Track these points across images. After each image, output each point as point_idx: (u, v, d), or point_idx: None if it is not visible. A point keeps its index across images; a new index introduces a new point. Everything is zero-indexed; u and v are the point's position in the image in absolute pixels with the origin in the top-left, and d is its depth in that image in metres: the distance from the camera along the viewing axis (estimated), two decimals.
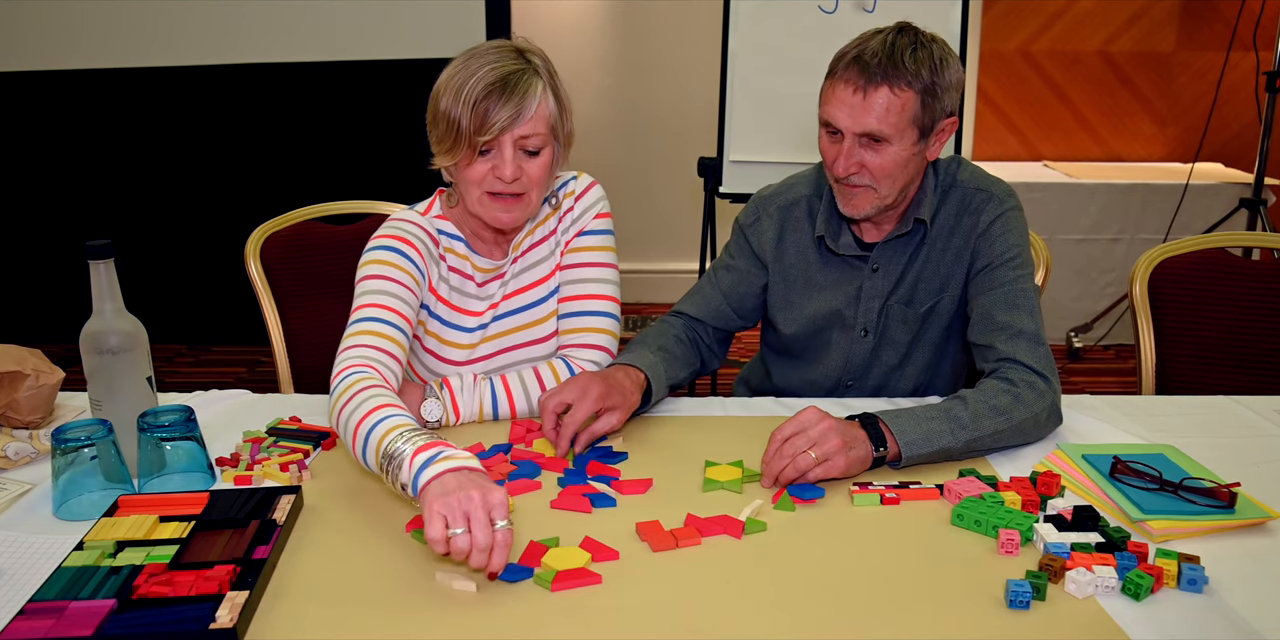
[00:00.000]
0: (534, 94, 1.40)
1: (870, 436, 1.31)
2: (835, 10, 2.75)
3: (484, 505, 1.05)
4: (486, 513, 1.05)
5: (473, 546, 1.03)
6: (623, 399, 1.41)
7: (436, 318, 1.58)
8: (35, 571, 1.09)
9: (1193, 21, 4.20)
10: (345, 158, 3.76)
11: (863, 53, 1.43)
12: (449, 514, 1.04)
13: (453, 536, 1.03)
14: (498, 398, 1.51)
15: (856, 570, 1.09)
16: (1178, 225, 3.71)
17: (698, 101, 4.13)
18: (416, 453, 1.12)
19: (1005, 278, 1.53)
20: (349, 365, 1.35)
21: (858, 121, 1.44)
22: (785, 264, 1.67)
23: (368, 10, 3.61)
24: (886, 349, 1.66)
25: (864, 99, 1.43)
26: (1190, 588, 1.05)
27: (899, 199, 1.53)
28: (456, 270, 1.58)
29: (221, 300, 3.65)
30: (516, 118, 1.39)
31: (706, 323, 1.73)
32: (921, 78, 1.42)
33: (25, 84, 3.74)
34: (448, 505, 1.05)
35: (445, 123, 1.41)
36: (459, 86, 1.39)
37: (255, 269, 1.99)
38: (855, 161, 1.47)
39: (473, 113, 1.38)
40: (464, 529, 1.03)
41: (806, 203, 1.66)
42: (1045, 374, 1.44)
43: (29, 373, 1.45)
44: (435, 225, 1.57)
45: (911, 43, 1.44)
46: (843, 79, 1.45)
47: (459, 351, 1.59)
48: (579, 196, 1.61)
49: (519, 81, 1.39)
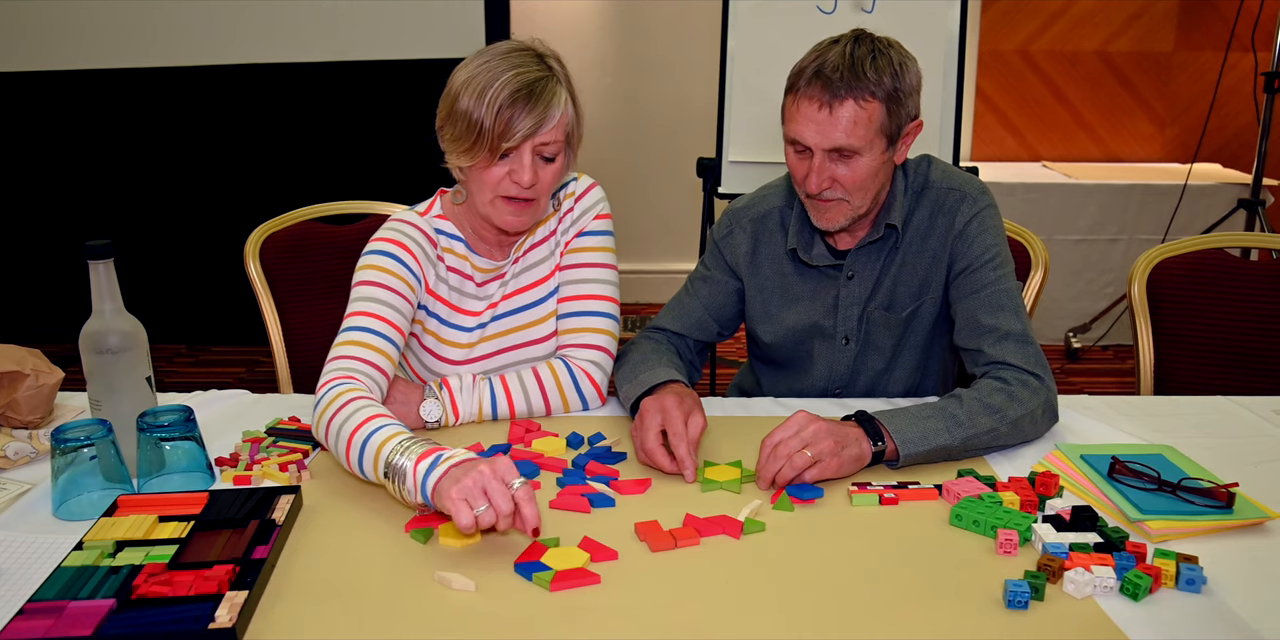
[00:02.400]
0: (558, 103, 1.41)
1: (867, 432, 1.32)
2: (834, 10, 2.75)
3: (494, 475, 1.10)
4: (499, 481, 1.10)
5: (498, 514, 1.08)
6: (693, 399, 1.41)
7: (435, 317, 1.58)
8: (35, 571, 1.09)
9: (1191, 22, 4.20)
10: (345, 158, 3.76)
11: (823, 66, 1.41)
12: (468, 497, 1.09)
13: (479, 515, 1.08)
14: (496, 398, 1.51)
15: (855, 570, 1.10)
16: (1176, 226, 3.71)
17: (697, 101, 4.13)
18: (418, 462, 1.15)
19: (986, 279, 1.52)
20: (334, 377, 1.36)
21: (826, 137, 1.42)
22: (760, 276, 1.67)
23: (367, 10, 3.61)
24: (871, 355, 1.66)
25: (830, 114, 1.41)
26: (1188, 588, 1.05)
27: (871, 207, 1.53)
28: (455, 270, 1.58)
29: (221, 300, 3.65)
30: (540, 126, 1.40)
31: (688, 336, 1.72)
32: (884, 85, 1.41)
33: (25, 84, 3.73)
34: (464, 490, 1.09)
35: (465, 123, 1.40)
36: (482, 88, 1.38)
37: (255, 269, 1.99)
38: (826, 177, 1.46)
39: (497, 118, 1.37)
40: (485, 504, 1.09)
41: (779, 214, 1.65)
42: (1038, 372, 1.44)
43: (29, 373, 1.45)
44: (434, 225, 1.57)
45: (870, 51, 1.41)
46: (806, 95, 1.42)
47: (457, 351, 1.59)
48: (579, 197, 1.61)
49: (544, 90, 1.40)
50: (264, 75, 3.70)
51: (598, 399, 1.56)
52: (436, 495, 1.12)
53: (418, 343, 1.60)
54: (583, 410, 1.56)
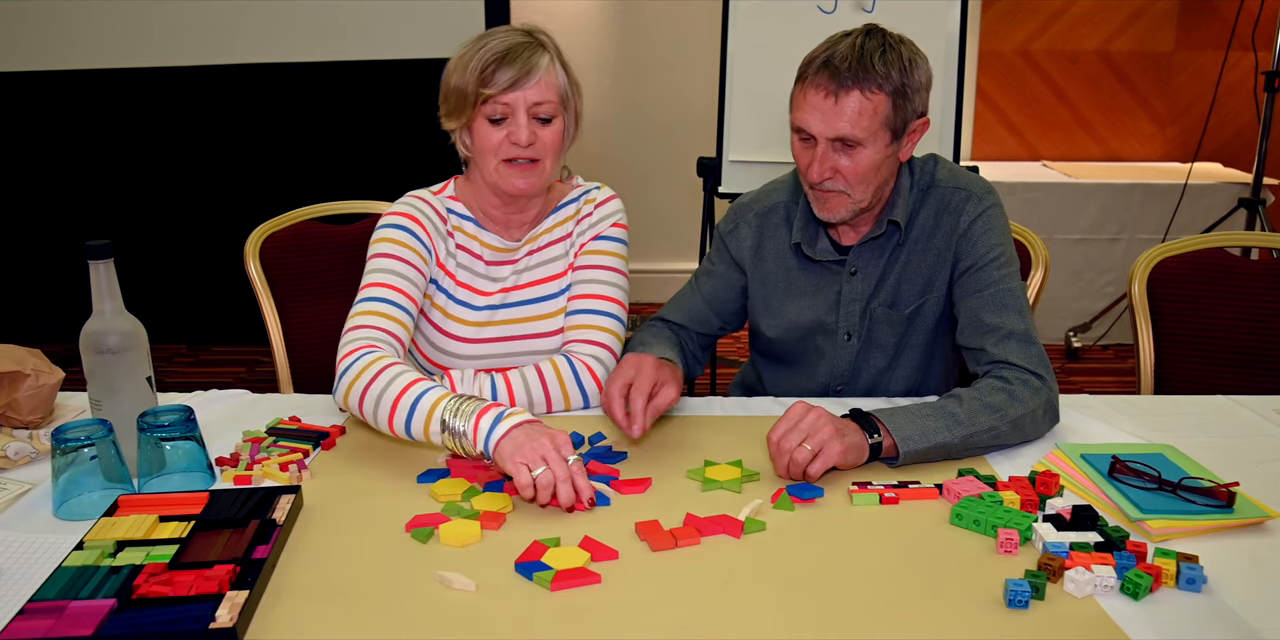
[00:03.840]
0: (540, 64, 1.47)
1: (862, 427, 1.32)
2: (835, 10, 2.75)
3: (554, 446, 1.21)
4: (558, 452, 1.21)
5: (557, 479, 1.18)
6: (671, 373, 1.45)
7: (444, 292, 1.62)
8: (35, 571, 1.09)
9: (1192, 21, 4.20)
10: (345, 158, 3.76)
11: (832, 57, 1.43)
12: (528, 461, 1.20)
13: (537, 476, 1.18)
14: (497, 387, 1.52)
15: (855, 570, 1.10)
16: (1176, 225, 3.71)
17: (697, 101, 4.13)
18: (479, 418, 1.26)
19: (990, 278, 1.52)
20: (360, 346, 1.42)
21: (830, 126, 1.43)
22: (764, 270, 1.68)
23: (367, 10, 3.61)
24: (873, 352, 1.66)
25: (835, 103, 1.42)
26: (1189, 587, 1.05)
27: (873, 201, 1.53)
28: (464, 248, 1.62)
29: (221, 300, 3.65)
30: (522, 80, 1.46)
31: (690, 329, 1.74)
32: (892, 79, 1.42)
33: (25, 84, 3.73)
34: (525, 455, 1.20)
35: (455, 91, 1.48)
36: (467, 62, 1.47)
37: (255, 269, 1.99)
38: (829, 166, 1.47)
39: (481, 74, 1.45)
40: (544, 468, 1.19)
41: (784, 209, 1.66)
42: (1039, 372, 1.44)
43: (29, 372, 1.45)
44: (446, 204, 1.63)
45: (880, 44, 1.43)
46: (813, 84, 1.44)
47: (463, 328, 1.61)
48: (600, 204, 1.66)
49: (523, 51, 1.47)
50: (264, 75, 3.70)
51: (599, 395, 1.56)
52: (498, 455, 1.23)
53: (424, 318, 1.63)
54: (584, 407, 1.57)
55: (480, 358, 1.62)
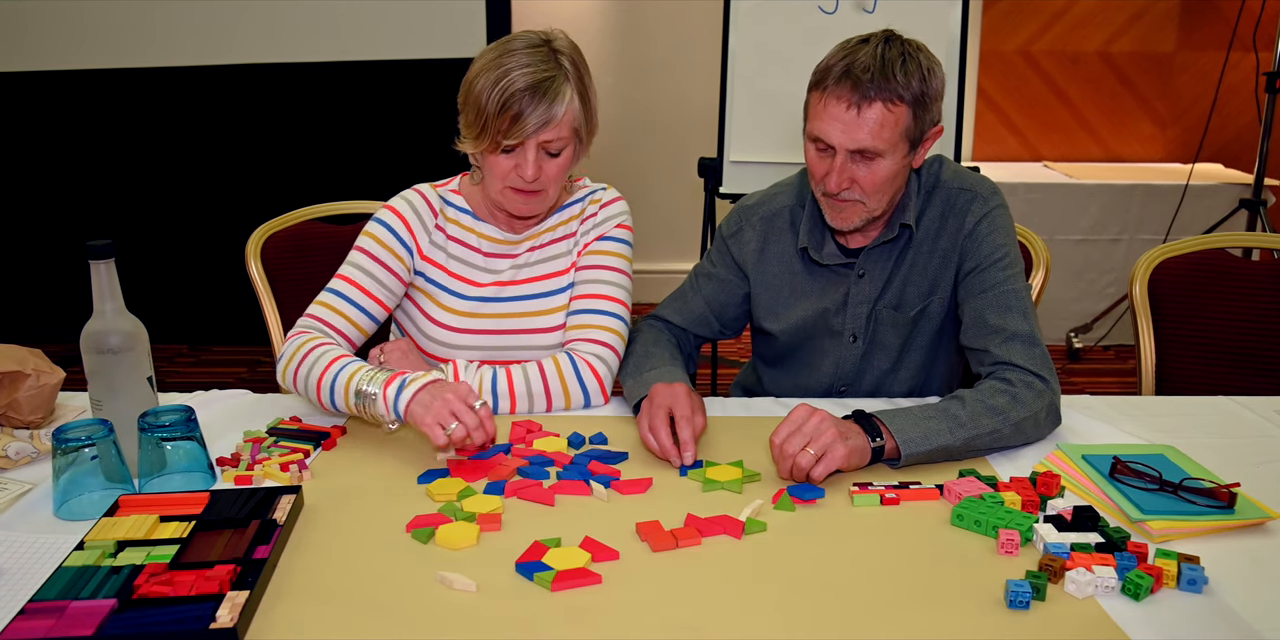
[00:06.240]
0: (562, 101, 1.46)
1: (865, 429, 1.32)
2: (835, 10, 2.75)
3: (459, 398, 1.30)
4: (463, 402, 1.30)
5: (467, 428, 1.28)
6: (700, 400, 1.43)
7: (432, 282, 1.64)
8: (35, 571, 1.09)
9: (1193, 22, 4.20)
10: (345, 158, 3.76)
11: (852, 66, 1.40)
12: (439, 419, 1.29)
13: (451, 433, 1.28)
14: (498, 377, 1.52)
15: (856, 570, 1.09)
16: (1177, 226, 3.71)
17: (698, 101, 4.13)
18: (386, 386, 1.36)
19: (994, 279, 1.52)
20: (298, 332, 1.53)
21: (851, 138, 1.42)
22: (768, 274, 1.67)
23: (368, 10, 3.61)
24: (877, 354, 1.66)
25: (858, 115, 1.40)
26: (1190, 588, 1.05)
27: (886, 209, 1.53)
28: (458, 240, 1.64)
29: (222, 300, 3.65)
30: (543, 125, 1.46)
31: (689, 330, 1.74)
32: (913, 89, 1.41)
33: (25, 84, 3.74)
34: (434, 413, 1.30)
35: (475, 111, 1.48)
36: (494, 81, 1.45)
37: (256, 269, 1.99)
38: (847, 177, 1.45)
39: (501, 114, 1.45)
40: (455, 422, 1.28)
41: (789, 213, 1.65)
42: (1043, 374, 1.43)
43: (30, 372, 1.45)
44: (445, 197, 1.65)
45: (900, 53, 1.41)
46: (834, 94, 1.41)
47: (452, 316, 1.62)
48: (605, 205, 1.67)
49: (549, 89, 1.45)
50: (264, 75, 3.70)
51: (600, 393, 1.56)
52: (411, 418, 1.33)
53: (416, 308, 1.65)
54: (584, 406, 1.57)
55: (470, 348, 1.62)
